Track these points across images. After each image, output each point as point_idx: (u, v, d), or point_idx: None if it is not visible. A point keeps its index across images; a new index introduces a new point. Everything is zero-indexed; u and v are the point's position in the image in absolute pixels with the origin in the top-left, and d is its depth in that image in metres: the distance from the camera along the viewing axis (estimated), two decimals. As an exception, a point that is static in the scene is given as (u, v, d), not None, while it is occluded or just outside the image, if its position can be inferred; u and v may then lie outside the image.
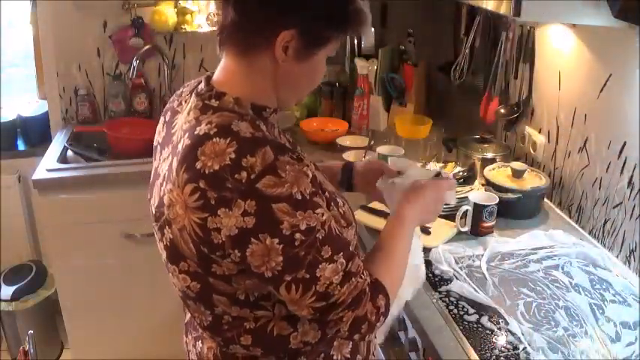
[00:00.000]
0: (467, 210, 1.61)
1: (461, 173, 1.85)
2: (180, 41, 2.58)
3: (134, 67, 2.36)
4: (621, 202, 1.56)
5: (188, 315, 1.19)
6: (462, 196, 1.71)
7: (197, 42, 2.58)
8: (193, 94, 1.00)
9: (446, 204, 1.25)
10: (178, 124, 0.99)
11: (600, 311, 1.31)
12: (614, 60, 1.57)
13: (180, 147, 0.93)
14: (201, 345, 1.10)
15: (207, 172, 0.86)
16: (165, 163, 0.99)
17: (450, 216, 1.66)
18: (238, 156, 0.86)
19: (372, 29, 2.59)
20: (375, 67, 2.50)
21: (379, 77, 2.53)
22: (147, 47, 2.43)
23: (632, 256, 1.53)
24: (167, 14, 2.42)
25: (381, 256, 1.07)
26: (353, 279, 0.94)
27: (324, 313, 0.94)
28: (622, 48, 1.51)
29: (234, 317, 0.98)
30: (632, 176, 1.52)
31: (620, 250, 1.57)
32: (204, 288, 0.96)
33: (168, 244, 0.96)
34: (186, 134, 0.93)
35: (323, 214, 0.90)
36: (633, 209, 1.52)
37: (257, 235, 0.86)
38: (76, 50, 2.48)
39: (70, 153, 2.34)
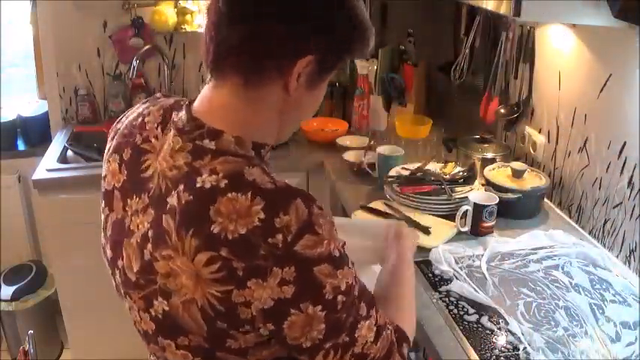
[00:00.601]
0: (467, 210, 1.61)
1: (461, 173, 1.86)
2: (180, 41, 2.58)
3: (134, 67, 2.36)
4: (621, 202, 1.56)
5: None
6: (462, 196, 1.72)
7: (197, 42, 2.58)
8: (173, 130, 0.83)
9: None
10: (156, 169, 0.83)
11: (600, 311, 1.31)
12: (614, 60, 1.57)
13: (172, 202, 0.77)
14: None
15: (230, 237, 0.72)
16: (141, 217, 0.83)
17: (450, 216, 1.66)
18: (269, 215, 0.73)
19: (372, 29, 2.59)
20: (375, 67, 2.50)
21: (379, 77, 2.53)
22: (147, 47, 2.43)
23: (632, 256, 1.53)
24: (167, 14, 2.42)
25: (397, 303, 1.00)
26: (383, 333, 0.87)
27: None
28: (622, 48, 1.51)
29: None
30: (632, 176, 1.52)
31: (620, 250, 1.57)
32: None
33: (161, 316, 0.81)
34: (181, 186, 0.77)
35: (353, 265, 0.83)
36: (633, 209, 1.52)
37: (297, 304, 0.75)
38: (76, 50, 2.48)
39: (70, 153, 2.34)
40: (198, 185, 0.76)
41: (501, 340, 1.22)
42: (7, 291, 2.40)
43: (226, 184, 0.75)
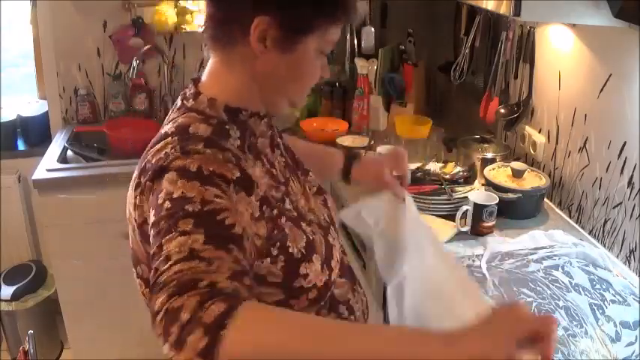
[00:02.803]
0: (467, 210, 1.61)
1: (461, 173, 1.86)
2: (180, 41, 2.57)
3: (134, 67, 2.35)
4: (621, 202, 1.56)
5: None
6: (462, 196, 1.72)
7: (197, 42, 2.58)
8: (180, 95, 0.98)
9: None
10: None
11: (600, 311, 1.31)
12: (614, 60, 1.57)
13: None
14: None
15: (146, 167, 0.85)
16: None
17: (450, 216, 1.66)
18: (171, 148, 0.83)
19: (372, 29, 2.59)
20: (375, 67, 2.50)
21: (379, 77, 2.53)
22: (147, 47, 2.43)
23: (632, 256, 1.53)
24: (167, 14, 2.42)
25: (297, 318, 0.71)
26: (197, 261, 0.68)
27: (150, 297, 0.69)
28: (622, 48, 1.51)
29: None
30: (632, 176, 1.52)
31: (620, 250, 1.57)
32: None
33: (131, 250, 0.95)
34: (158, 134, 0.92)
35: (218, 197, 0.76)
36: (633, 209, 1.52)
37: (140, 207, 0.85)
38: (76, 50, 2.48)
39: (70, 153, 2.33)
40: (161, 131, 0.90)
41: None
42: (7, 291, 2.40)
43: (172, 132, 0.87)
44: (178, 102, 0.96)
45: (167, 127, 0.90)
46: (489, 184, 1.74)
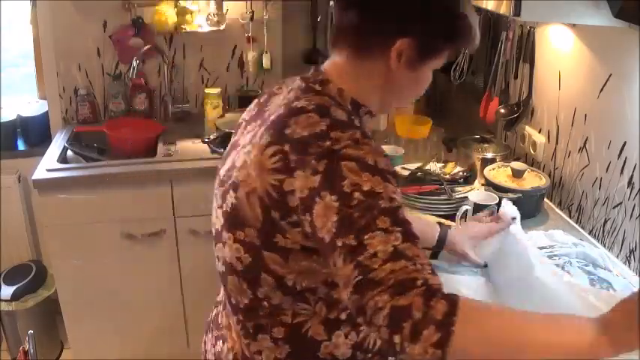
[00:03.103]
0: (467, 210, 1.61)
1: (461, 173, 1.86)
2: (180, 41, 2.58)
3: (134, 67, 2.35)
4: (621, 202, 1.56)
5: (212, 313, 1.18)
6: (462, 196, 1.72)
7: (197, 42, 2.58)
8: (298, 78, 1.02)
9: None
10: (274, 103, 1.01)
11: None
12: (614, 60, 1.57)
13: (272, 117, 0.95)
14: (221, 345, 1.08)
15: (295, 137, 0.87)
16: (249, 134, 1.00)
17: (450, 216, 1.66)
18: (329, 129, 0.87)
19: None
20: (375, 67, 2.50)
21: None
22: (147, 47, 2.43)
23: (632, 256, 1.53)
24: (167, 14, 2.42)
25: (517, 312, 0.79)
26: (403, 261, 0.76)
27: (362, 293, 0.76)
28: (622, 48, 1.51)
29: (274, 305, 0.96)
30: (632, 176, 1.52)
31: (620, 250, 1.57)
32: (254, 262, 0.94)
33: (229, 209, 0.95)
34: (282, 107, 0.95)
35: (394, 193, 0.83)
36: (633, 209, 1.52)
37: (320, 192, 0.82)
38: (76, 50, 2.48)
39: (70, 153, 2.34)
40: (292, 105, 0.94)
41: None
42: (7, 291, 2.40)
43: (312, 108, 0.91)
44: (300, 83, 0.99)
45: (300, 102, 0.93)
46: (489, 184, 1.74)
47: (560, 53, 1.79)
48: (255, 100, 1.11)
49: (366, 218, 0.79)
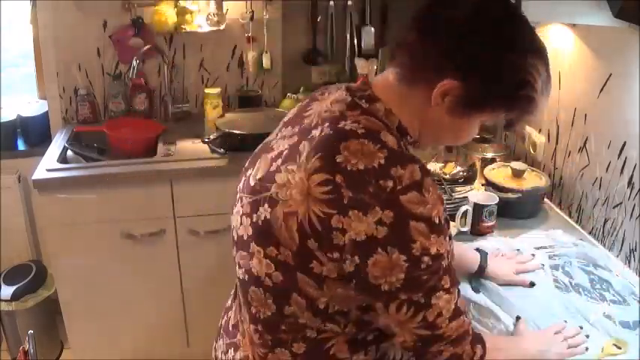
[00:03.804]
0: (467, 210, 1.61)
1: (461, 173, 1.86)
2: (180, 41, 2.57)
3: (134, 67, 2.35)
4: (621, 202, 1.56)
5: (224, 319, 1.15)
6: (462, 196, 1.71)
7: (197, 42, 2.58)
8: (343, 87, 0.97)
9: None
10: (315, 110, 0.96)
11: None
12: (614, 60, 1.57)
13: (315, 133, 0.90)
14: (233, 353, 1.05)
15: (348, 168, 0.83)
16: (285, 140, 0.95)
17: (450, 216, 1.66)
18: (388, 164, 0.83)
19: (372, 29, 2.60)
20: (375, 67, 2.50)
21: (379, 77, 2.53)
22: (147, 47, 2.43)
23: (632, 256, 1.53)
24: (167, 14, 2.42)
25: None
26: (461, 317, 0.93)
27: (427, 344, 0.92)
28: (622, 48, 1.51)
29: (300, 323, 0.93)
30: (632, 176, 1.52)
31: (620, 250, 1.57)
32: (286, 282, 0.89)
33: (261, 222, 0.90)
34: (326, 123, 0.90)
35: (449, 244, 0.89)
36: (633, 209, 1.52)
37: (386, 246, 0.81)
38: (76, 50, 2.48)
39: (70, 153, 2.33)
40: (339, 125, 0.88)
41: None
42: (7, 291, 2.40)
43: (362, 132, 0.87)
44: (344, 95, 0.95)
45: (348, 124, 0.88)
46: (489, 184, 1.74)
47: (560, 53, 1.79)
48: (299, 103, 1.07)
49: (434, 280, 0.86)
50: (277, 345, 0.96)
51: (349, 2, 2.59)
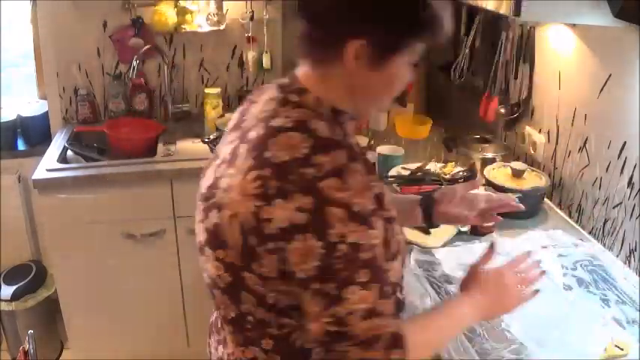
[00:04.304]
0: (467, 210, 1.61)
1: (461, 173, 1.86)
2: (180, 41, 2.58)
3: (134, 67, 2.35)
4: (621, 202, 1.56)
5: (214, 315, 1.17)
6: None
7: (197, 42, 2.58)
8: (275, 86, 1.01)
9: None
10: (252, 112, 0.99)
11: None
12: (614, 60, 1.57)
13: (251, 135, 0.93)
14: (222, 349, 1.08)
15: (274, 161, 0.86)
16: (228, 146, 0.98)
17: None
18: (311, 152, 0.85)
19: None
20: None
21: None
22: (147, 47, 2.43)
23: (632, 256, 1.53)
24: (167, 14, 2.42)
25: (424, 322, 1.02)
26: (376, 320, 0.85)
27: (333, 341, 0.86)
28: (622, 48, 1.51)
29: (258, 319, 0.95)
30: (632, 176, 1.52)
31: (620, 250, 1.57)
32: (235, 282, 0.93)
33: (211, 227, 0.93)
34: (261, 124, 0.93)
35: (376, 238, 0.87)
36: (633, 209, 1.52)
37: (304, 232, 0.82)
38: (76, 50, 2.48)
39: (70, 153, 2.34)
40: (270, 124, 0.91)
41: (501, 340, 1.22)
42: (7, 291, 2.40)
43: (291, 126, 0.90)
44: (275, 93, 0.98)
45: (278, 120, 0.91)
46: (489, 184, 1.74)
47: (560, 53, 1.79)
48: (239, 108, 1.09)
49: (348, 271, 0.83)
50: (249, 343, 1.00)
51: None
